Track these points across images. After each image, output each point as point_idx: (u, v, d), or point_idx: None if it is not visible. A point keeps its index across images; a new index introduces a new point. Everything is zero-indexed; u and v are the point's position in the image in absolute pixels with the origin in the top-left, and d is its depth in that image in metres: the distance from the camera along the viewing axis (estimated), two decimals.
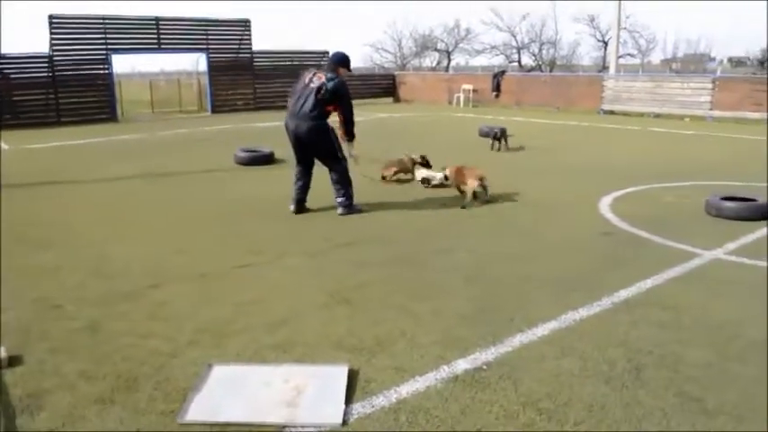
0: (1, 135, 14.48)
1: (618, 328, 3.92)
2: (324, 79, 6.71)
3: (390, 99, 27.79)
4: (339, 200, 7.00)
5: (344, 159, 7.00)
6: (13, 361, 3.50)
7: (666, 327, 3.94)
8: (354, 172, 7.20)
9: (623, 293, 4.49)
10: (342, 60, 7.08)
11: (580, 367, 3.41)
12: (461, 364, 3.44)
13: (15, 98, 18.36)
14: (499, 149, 11.82)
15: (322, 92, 6.70)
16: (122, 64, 46.48)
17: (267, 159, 10.44)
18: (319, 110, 6.71)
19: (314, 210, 7.12)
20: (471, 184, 7.29)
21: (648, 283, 4.72)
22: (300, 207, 7.09)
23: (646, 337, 3.79)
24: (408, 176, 8.84)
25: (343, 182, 6.99)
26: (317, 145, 6.89)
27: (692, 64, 48.63)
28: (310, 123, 6.71)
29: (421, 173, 8.61)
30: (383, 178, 8.74)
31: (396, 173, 8.83)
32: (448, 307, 4.27)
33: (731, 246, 5.62)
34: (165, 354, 3.61)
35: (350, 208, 7.00)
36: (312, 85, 6.74)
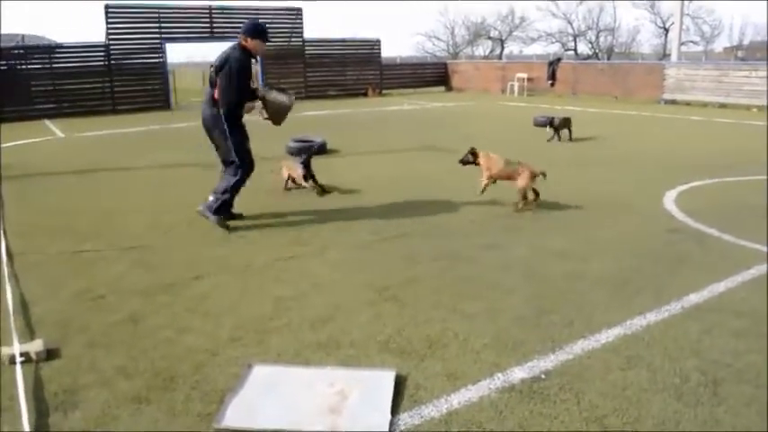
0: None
1: (689, 336, 3.58)
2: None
3: (443, 88, 27.40)
4: (210, 197, 5.88)
5: (243, 162, 5.88)
6: (51, 354, 3.41)
7: (744, 336, 3.58)
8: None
9: (693, 297, 4.13)
10: (249, 30, 5.72)
11: (649, 380, 3.10)
12: (517, 373, 3.18)
13: (72, 86, 18.69)
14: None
15: (210, 70, 5.74)
16: (178, 54, 47.48)
17: (319, 149, 10.24)
18: (210, 93, 5.71)
19: (359, 201, 6.91)
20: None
21: (721, 286, 4.34)
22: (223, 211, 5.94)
23: (721, 346, 3.45)
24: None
25: (224, 183, 5.88)
26: (212, 134, 5.88)
27: (758, 51, 46.51)
28: (205, 110, 5.83)
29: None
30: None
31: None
32: (502, 307, 4.00)
33: None
34: (205, 351, 3.46)
35: (210, 210, 5.83)
36: None
